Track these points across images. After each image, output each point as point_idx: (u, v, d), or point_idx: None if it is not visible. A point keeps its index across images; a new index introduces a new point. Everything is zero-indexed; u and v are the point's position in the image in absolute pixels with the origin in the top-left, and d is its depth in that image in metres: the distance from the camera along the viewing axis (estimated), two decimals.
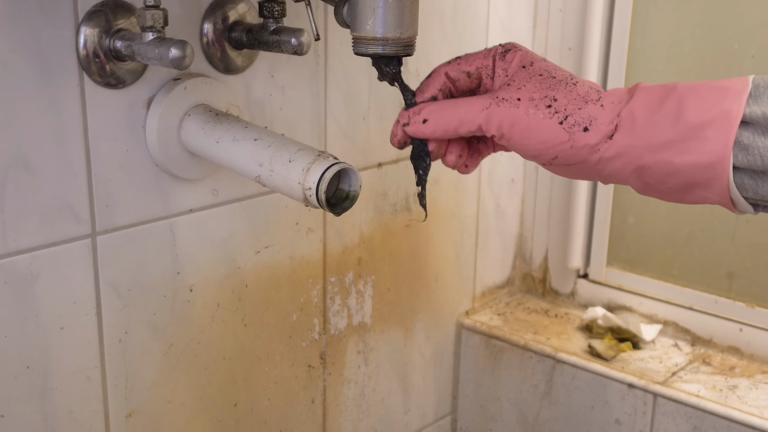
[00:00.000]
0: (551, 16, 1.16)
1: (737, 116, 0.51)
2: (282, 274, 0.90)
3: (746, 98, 0.52)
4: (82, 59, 0.68)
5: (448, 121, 0.58)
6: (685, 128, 0.53)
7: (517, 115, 0.56)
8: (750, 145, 0.51)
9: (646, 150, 0.54)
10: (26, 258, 0.69)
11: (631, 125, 0.54)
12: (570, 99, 0.56)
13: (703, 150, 0.52)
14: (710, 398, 0.99)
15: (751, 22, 1.03)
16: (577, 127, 0.55)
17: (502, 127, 0.57)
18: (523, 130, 0.56)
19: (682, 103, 0.53)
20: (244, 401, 0.90)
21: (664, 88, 0.55)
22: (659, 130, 0.53)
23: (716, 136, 0.52)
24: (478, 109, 0.57)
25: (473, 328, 1.16)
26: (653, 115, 0.54)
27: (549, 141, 0.56)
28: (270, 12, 0.75)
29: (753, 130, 0.51)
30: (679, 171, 0.53)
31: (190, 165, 0.76)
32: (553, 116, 0.56)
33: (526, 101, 0.56)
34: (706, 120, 0.52)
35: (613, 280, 1.20)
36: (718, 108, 0.52)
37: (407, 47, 0.63)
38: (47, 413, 0.73)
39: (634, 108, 0.55)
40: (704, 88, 0.53)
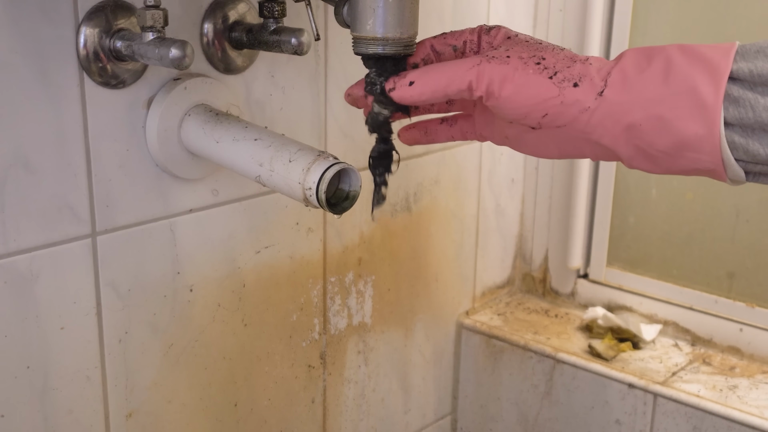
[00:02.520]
0: (551, 16, 1.16)
1: (726, 69, 0.51)
2: (282, 274, 0.90)
3: (734, 55, 0.52)
4: (82, 59, 0.68)
5: (437, 81, 0.57)
6: (676, 82, 0.52)
7: (506, 71, 0.55)
8: (740, 98, 0.51)
9: (637, 105, 0.53)
10: (26, 258, 0.69)
11: (621, 81, 0.54)
12: (558, 59, 0.56)
13: (694, 102, 0.52)
14: (710, 398, 0.99)
15: (751, 22, 1.03)
16: (567, 83, 0.55)
17: (492, 84, 0.56)
18: (513, 85, 0.55)
19: (671, 60, 0.53)
20: (244, 401, 0.90)
21: (650, 48, 0.55)
22: (649, 85, 0.53)
23: (706, 88, 0.51)
24: (468, 67, 0.56)
25: (473, 328, 1.16)
26: (643, 72, 0.54)
27: (539, 96, 0.55)
28: (270, 12, 0.75)
29: (741, 85, 0.51)
30: (670, 127, 0.53)
31: (190, 165, 0.76)
32: (543, 71, 0.55)
33: (516, 59, 0.56)
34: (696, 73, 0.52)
35: (613, 280, 1.20)
36: (707, 62, 0.52)
37: (407, 47, 0.63)
38: (47, 413, 0.73)
39: (624, 66, 0.54)
40: (692, 46, 0.54)
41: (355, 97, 0.64)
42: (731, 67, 0.51)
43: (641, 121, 0.53)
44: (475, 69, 0.56)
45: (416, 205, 1.05)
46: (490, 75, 0.56)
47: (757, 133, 0.51)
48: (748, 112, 0.51)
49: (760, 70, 0.51)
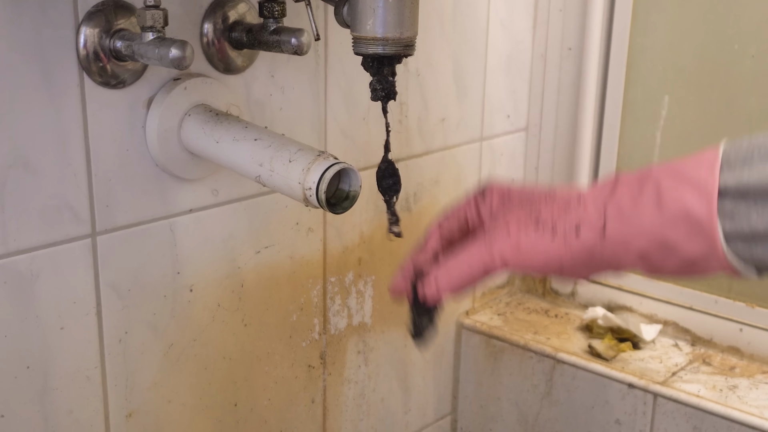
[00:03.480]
0: (551, 16, 1.16)
1: (714, 188, 0.53)
2: (282, 274, 0.90)
3: (718, 169, 0.53)
4: (82, 59, 0.68)
5: (458, 277, 0.61)
6: (669, 208, 0.55)
7: (512, 244, 0.59)
8: (734, 212, 0.53)
9: (639, 235, 0.56)
10: (26, 258, 0.69)
11: (618, 216, 0.56)
12: (553, 209, 0.59)
13: (690, 225, 0.54)
14: (710, 398, 0.99)
15: (751, 22, 1.03)
16: (569, 234, 0.58)
17: (505, 258, 0.59)
18: (523, 254, 0.59)
19: (660, 185, 0.55)
20: (244, 401, 0.90)
21: (640, 174, 0.57)
22: (646, 214, 0.55)
23: (699, 209, 0.53)
24: (478, 255, 0.60)
25: (473, 328, 1.16)
26: (636, 202, 0.56)
27: (548, 255, 0.58)
28: (270, 12, 0.75)
29: (732, 198, 0.53)
30: (675, 250, 0.55)
31: (190, 165, 0.76)
32: (544, 231, 0.58)
33: (515, 228, 0.59)
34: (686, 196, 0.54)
35: (613, 280, 1.20)
36: (695, 183, 0.54)
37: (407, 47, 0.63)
38: (47, 413, 0.73)
39: (617, 200, 0.57)
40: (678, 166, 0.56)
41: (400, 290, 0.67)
42: (719, 183, 0.53)
43: (647, 248, 0.56)
44: (485, 254, 0.60)
45: (416, 205, 1.05)
46: (500, 253, 0.59)
47: (758, 241, 0.53)
48: (743, 225, 0.53)
49: (746, 181, 0.52)
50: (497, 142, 1.16)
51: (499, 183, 0.65)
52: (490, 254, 0.60)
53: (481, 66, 1.10)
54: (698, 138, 1.10)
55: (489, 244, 0.60)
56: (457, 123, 1.08)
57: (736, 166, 0.53)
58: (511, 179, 1.21)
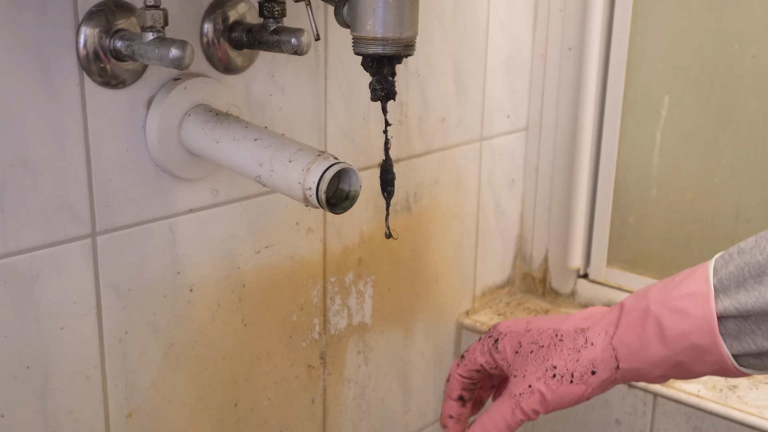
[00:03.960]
0: (551, 16, 1.16)
1: (713, 320, 0.55)
2: (282, 274, 0.90)
3: (713, 300, 0.56)
4: (82, 59, 0.68)
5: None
6: (674, 343, 0.58)
7: (537, 398, 0.64)
8: (739, 333, 0.55)
9: (652, 368, 0.60)
10: (26, 258, 0.69)
11: (628, 354, 0.60)
12: (565, 357, 0.64)
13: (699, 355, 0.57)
14: (710, 398, 0.99)
15: (751, 22, 1.03)
16: (586, 375, 0.62)
17: (537, 411, 0.65)
18: (550, 402, 0.64)
19: (660, 323, 0.58)
20: (244, 401, 0.90)
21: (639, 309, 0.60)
22: (653, 349, 0.59)
23: (703, 341, 0.56)
24: (510, 413, 0.66)
25: (473, 328, 1.16)
26: (641, 338, 0.59)
27: (573, 398, 0.64)
28: (270, 12, 0.75)
29: (735, 321, 0.55)
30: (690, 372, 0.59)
31: (190, 165, 0.76)
32: (563, 380, 0.63)
33: (536, 383, 0.64)
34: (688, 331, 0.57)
35: (614, 280, 1.20)
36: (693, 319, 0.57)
37: (407, 47, 0.63)
38: (47, 413, 0.73)
39: (622, 337, 0.61)
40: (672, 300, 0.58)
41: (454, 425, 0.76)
42: (717, 310, 0.55)
43: (665, 373, 0.60)
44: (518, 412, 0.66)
45: (416, 205, 1.05)
46: (530, 407, 0.65)
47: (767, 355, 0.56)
48: (751, 346, 0.55)
49: (744, 305, 0.54)
50: (497, 142, 1.16)
51: (508, 329, 0.70)
52: (522, 410, 0.65)
53: (481, 66, 1.10)
54: (698, 138, 1.10)
55: (517, 402, 0.65)
56: (457, 123, 1.08)
57: (731, 290, 0.55)
58: (511, 179, 1.21)
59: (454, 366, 0.74)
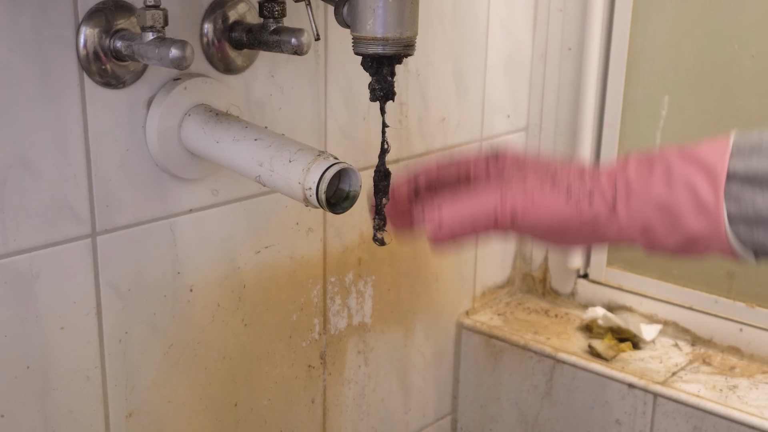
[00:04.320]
0: (551, 16, 1.16)
1: (722, 172, 0.55)
2: (282, 274, 0.90)
3: (728, 155, 0.55)
4: (82, 59, 0.68)
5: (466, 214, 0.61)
6: (677, 186, 0.56)
7: (526, 193, 0.59)
8: (739, 196, 0.55)
9: (646, 208, 0.58)
10: (26, 258, 0.69)
11: (627, 192, 0.58)
12: (569, 174, 0.60)
13: (696, 204, 0.56)
14: (710, 398, 0.99)
15: (751, 22, 1.03)
16: (583, 197, 0.59)
17: (515, 207, 0.59)
18: (535, 206, 0.59)
19: (670, 166, 0.57)
20: (244, 401, 0.90)
21: (651, 155, 0.59)
22: (654, 192, 0.57)
23: (706, 190, 0.55)
24: (489, 197, 0.60)
25: (473, 328, 1.16)
26: (646, 181, 0.58)
27: (559, 215, 0.59)
28: (270, 12, 0.75)
29: (740, 182, 0.55)
30: (679, 226, 0.57)
31: (190, 165, 0.76)
32: (559, 191, 0.59)
33: (532, 180, 0.60)
34: (695, 177, 0.56)
35: (613, 280, 1.20)
36: (704, 166, 0.56)
37: (407, 47, 0.63)
38: (47, 413, 0.73)
39: (628, 176, 0.59)
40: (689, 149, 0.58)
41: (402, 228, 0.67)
42: (728, 167, 0.55)
43: (651, 225, 0.58)
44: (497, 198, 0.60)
45: None
46: (512, 200, 0.59)
47: (760, 225, 0.55)
48: (748, 209, 0.54)
49: (755, 169, 0.54)
50: (497, 142, 1.16)
51: (513, 150, 0.65)
52: (503, 201, 0.59)
53: (481, 66, 1.10)
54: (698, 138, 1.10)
55: (503, 191, 0.59)
56: (457, 123, 1.08)
57: (746, 153, 0.55)
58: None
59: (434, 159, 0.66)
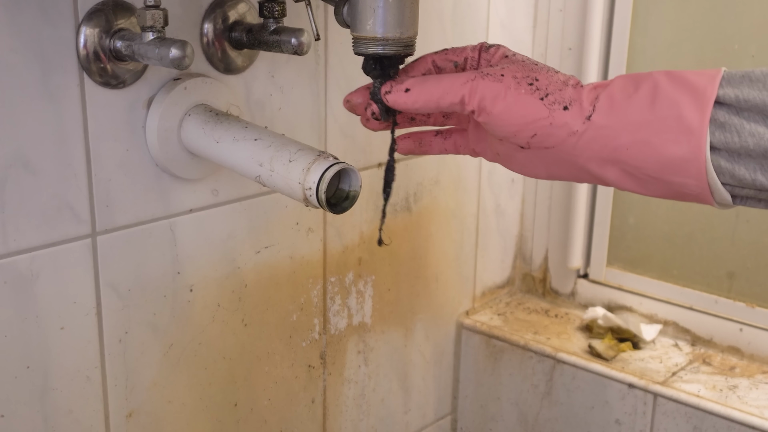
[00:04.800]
0: (551, 16, 1.16)
1: (711, 95, 0.52)
2: (282, 274, 0.90)
3: (719, 81, 0.53)
4: (82, 59, 0.68)
5: (431, 92, 0.59)
6: (662, 107, 0.53)
7: (499, 89, 0.57)
8: (726, 123, 0.52)
9: (623, 130, 0.54)
10: (26, 258, 0.69)
11: (608, 106, 0.55)
12: (551, 81, 0.57)
13: (680, 126, 0.53)
14: (710, 398, 0.99)
15: (751, 22, 1.03)
16: (558, 105, 0.56)
17: (485, 100, 0.57)
18: (505, 103, 0.57)
19: (657, 85, 0.54)
20: (244, 401, 0.90)
21: (640, 74, 0.56)
22: (636, 110, 0.54)
23: (692, 113, 0.52)
24: (462, 81, 0.58)
25: (473, 328, 1.16)
26: (630, 97, 0.55)
27: (529, 116, 0.56)
28: (270, 12, 0.75)
29: (727, 110, 0.52)
30: (656, 151, 0.54)
31: (190, 165, 0.76)
32: (535, 92, 0.57)
33: (510, 77, 0.57)
34: (682, 98, 0.53)
35: (613, 280, 1.20)
36: (693, 88, 0.53)
37: (407, 47, 0.63)
38: (47, 413, 0.73)
39: (611, 91, 0.56)
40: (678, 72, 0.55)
41: (354, 104, 0.65)
42: (717, 93, 0.52)
43: (628, 144, 0.54)
44: (468, 84, 0.57)
45: (416, 205, 1.05)
46: (483, 91, 0.57)
47: (743, 158, 0.52)
48: (734, 137, 0.52)
49: (746, 95, 0.52)
50: None
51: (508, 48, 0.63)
52: (473, 88, 0.57)
53: None
54: None
55: (477, 79, 0.57)
56: None
57: (736, 81, 0.52)
58: (511, 179, 1.21)
59: (431, 53, 0.64)
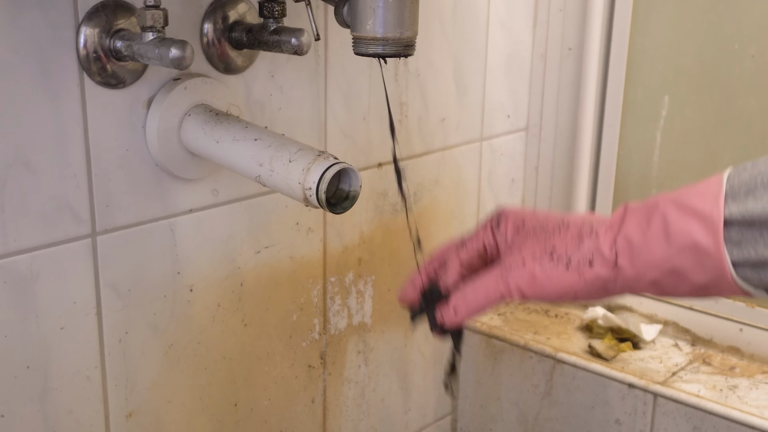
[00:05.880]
0: (551, 16, 1.16)
1: (719, 220, 0.55)
2: (282, 274, 0.90)
3: (723, 201, 0.55)
4: (82, 59, 0.68)
5: (475, 304, 0.64)
6: (676, 240, 0.56)
7: (527, 275, 0.61)
8: (741, 240, 0.54)
9: (651, 267, 0.58)
10: (26, 258, 0.69)
11: (629, 249, 0.58)
12: (567, 242, 0.61)
13: (698, 256, 0.56)
14: (710, 398, 0.99)
15: (751, 22, 1.03)
16: (583, 264, 0.60)
17: (521, 289, 0.62)
18: (538, 285, 0.61)
19: (667, 218, 0.57)
20: (244, 401, 0.90)
21: (647, 206, 0.59)
22: (656, 247, 0.57)
23: (706, 240, 0.55)
24: (494, 284, 0.63)
25: (473, 328, 1.16)
26: (645, 235, 0.58)
27: (563, 286, 0.61)
28: (270, 12, 0.75)
29: (739, 227, 0.54)
30: (685, 279, 0.57)
31: (190, 165, 0.76)
32: (558, 263, 0.60)
33: (530, 260, 0.62)
34: (693, 228, 0.56)
35: None
36: (700, 216, 0.56)
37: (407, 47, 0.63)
38: (47, 413, 0.73)
39: (626, 232, 0.59)
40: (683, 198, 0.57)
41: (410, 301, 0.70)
42: (723, 214, 0.54)
43: (658, 278, 0.58)
44: (501, 284, 0.62)
45: (416, 205, 1.05)
46: (514, 284, 0.62)
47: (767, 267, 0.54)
48: (751, 252, 0.54)
49: (751, 211, 0.54)
50: (497, 142, 1.16)
51: (513, 210, 0.67)
52: (507, 285, 0.62)
53: (481, 66, 1.10)
54: (698, 138, 1.10)
55: (505, 274, 0.62)
56: (457, 123, 1.08)
57: (740, 196, 0.54)
58: (511, 179, 1.21)
59: (454, 249, 0.69)
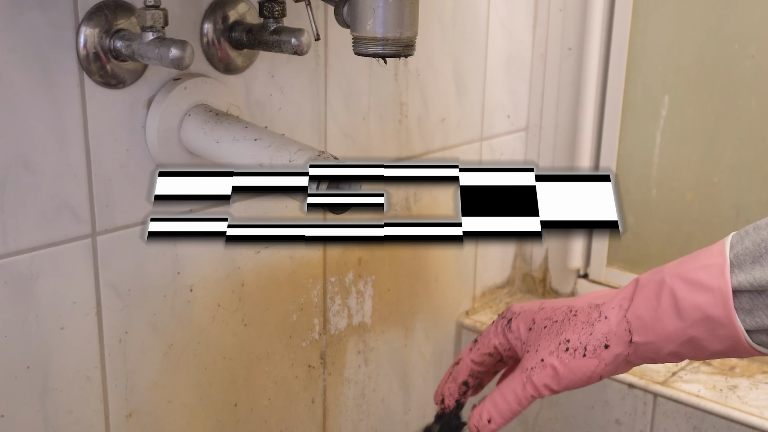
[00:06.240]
0: (551, 16, 1.16)
1: (728, 293, 0.55)
2: (282, 274, 0.90)
3: (729, 272, 0.56)
4: (82, 59, 0.68)
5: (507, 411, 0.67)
6: (688, 315, 0.57)
7: (550, 372, 0.64)
8: (752, 308, 0.55)
9: (666, 341, 0.59)
10: (26, 258, 0.69)
11: (642, 327, 0.60)
12: (579, 331, 0.63)
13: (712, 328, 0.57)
14: (710, 398, 0.99)
15: (751, 22, 1.03)
16: (600, 349, 0.62)
17: (548, 386, 0.64)
18: (562, 378, 0.63)
19: (675, 294, 0.58)
20: (244, 401, 0.90)
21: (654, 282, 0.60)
22: (668, 322, 0.59)
23: (718, 313, 0.56)
24: (521, 388, 0.65)
25: (473, 328, 1.16)
26: (656, 311, 0.59)
27: (586, 372, 0.63)
28: (270, 12, 0.75)
29: (749, 295, 0.55)
30: (702, 348, 0.58)
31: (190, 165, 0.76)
32: (575, 354, 0.62)
33: (548, 356, 0.64)
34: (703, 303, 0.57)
35: (614, 280, 1.20)
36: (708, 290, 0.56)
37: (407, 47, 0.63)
38: (47, 413, 0.73)
39: (637, 312, 0.60)
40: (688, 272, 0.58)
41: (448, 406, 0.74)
42: (732, 285, 0.55)
43: (674, 350, 0.60)
44: (528, 386, 0.65)
45: (416, 205, 1.05)
46: (541, 384, 0.64)
47: None
48: (763, 320, 0.55)
49: (758, 278, 0.55)
50: (497, 142, 1.16)
51: (521, 309, 0.69)
52: (533, 385, 0.64)
53: (481, 66, 1.10)
54: (698, 138, 1.10)
55: (529, 375, 0.64)
56: (457, 123, 1.08)
57: (746, 265, 0.55)
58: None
59: (467, 351, 0.73)
